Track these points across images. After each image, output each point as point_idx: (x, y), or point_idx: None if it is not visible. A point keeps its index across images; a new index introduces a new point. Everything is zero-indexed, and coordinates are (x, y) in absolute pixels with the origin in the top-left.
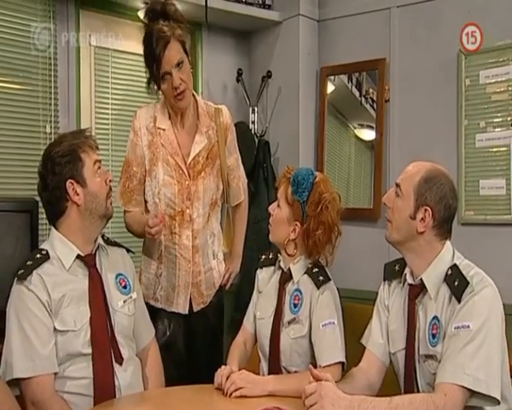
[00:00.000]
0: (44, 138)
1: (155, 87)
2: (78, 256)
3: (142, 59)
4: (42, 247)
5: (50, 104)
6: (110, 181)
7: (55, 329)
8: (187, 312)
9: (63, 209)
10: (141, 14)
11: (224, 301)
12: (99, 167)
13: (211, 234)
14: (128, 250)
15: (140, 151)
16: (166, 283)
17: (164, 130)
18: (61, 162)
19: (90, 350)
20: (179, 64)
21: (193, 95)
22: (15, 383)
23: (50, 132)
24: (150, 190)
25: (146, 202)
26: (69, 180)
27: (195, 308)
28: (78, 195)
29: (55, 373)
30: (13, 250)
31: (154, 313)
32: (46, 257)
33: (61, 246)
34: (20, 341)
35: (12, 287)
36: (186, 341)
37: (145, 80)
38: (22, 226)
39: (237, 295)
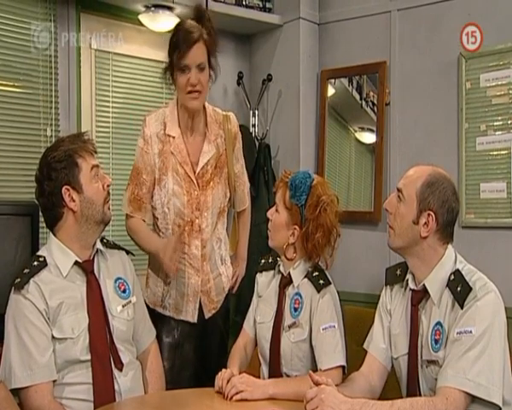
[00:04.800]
0: (45, 141)
1: (170, 78)
2: (76, 262)
3: (142, 62)
4: (40, 253)
5: (51, 107)
6: (108, 186)
7: (53, 337)
8: (195, 320)
9: (60, 215)
10: (142, 18)
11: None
12: (96, 173)
13: (217, 240)
14: (128, 252)
15: (150, 160)
16: (175, 291)
17: (174, 137)
18: (57, 168)
19: (88, 357)
20: (201, 67)
21: None
22: (15, 391)
23: (51, 135)
24: (159, 199)
25: (154, 208)
26: (65, 186)
27: (207, 315)
28: (73, 201)
29: (54, 380)
30: (13, 254)
31: (162, 321)
32: (43, 264)
33: (58, 252)
34: (18, 350)
35: (9, 296)
36: (195, 347)
37: (145, 83)
38: (23, 230)
39: (238, 298)
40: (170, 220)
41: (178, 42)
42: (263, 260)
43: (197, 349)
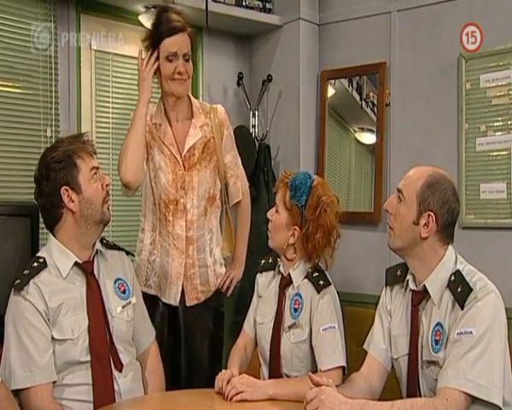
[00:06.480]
0: (45, 142)
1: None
2: (76, 263)
3: None
4: (39, 254)
5: (51, 108)
6: (107, 185)
7: (52, 338)
8: (177, 303)
9: (59, 216)
10: (142, 19)
11: (225, 305)
12: (95, 173)
13: (209, 230)
14: (128, 253)
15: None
16: (160, 269)
17: (160, 125)
18: (56, 168)
19: (88, 358)
20: (186, 58)
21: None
22: (15, 392)
23: (51, 136)
24: (148, 174)
25: (145, 188)
26: (64, 187)
27: (188, 303)
28: (72, 202)
29: (54, 382)
30: (13, 255)
31: (147, 301)
32: (43, 265)
33: (58, 253)
34: (18, 351)
35: (9, 297)
36: (177, 335)
37: None
38: (23, 231)
39: (238, 299)
40: (156, 196)
41: (161, 32)
42: (263, 261)
43: (186, 352)
